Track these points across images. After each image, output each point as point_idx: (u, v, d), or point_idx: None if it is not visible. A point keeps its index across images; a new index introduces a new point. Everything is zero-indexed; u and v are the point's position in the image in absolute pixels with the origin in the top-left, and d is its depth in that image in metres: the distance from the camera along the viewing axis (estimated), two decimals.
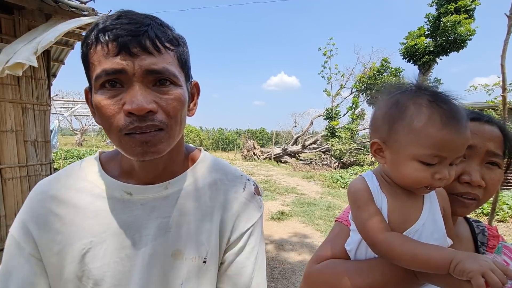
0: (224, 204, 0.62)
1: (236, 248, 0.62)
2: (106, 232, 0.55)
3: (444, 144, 0.52)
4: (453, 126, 0.52)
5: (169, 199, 0.59)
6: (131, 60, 0.46)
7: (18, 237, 0.54)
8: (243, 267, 0.62)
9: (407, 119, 0.55)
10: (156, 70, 0.48)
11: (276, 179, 10.04)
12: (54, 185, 0.57)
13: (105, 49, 0.46)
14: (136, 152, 0.49)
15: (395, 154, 0.58)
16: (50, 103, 3.72)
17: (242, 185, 0.66)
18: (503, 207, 5.38)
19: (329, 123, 15.81)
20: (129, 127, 0.47)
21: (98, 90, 0.48)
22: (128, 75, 0.47)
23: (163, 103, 0.49)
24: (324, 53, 17.51)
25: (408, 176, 0.56)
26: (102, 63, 0.46)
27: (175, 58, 0.51)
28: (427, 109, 0.54)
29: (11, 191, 3.32)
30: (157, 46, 0.48)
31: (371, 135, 0.64)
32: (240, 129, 35.03)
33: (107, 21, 0.47)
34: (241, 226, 0.63)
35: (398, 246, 0.52)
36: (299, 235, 4.40)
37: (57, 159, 9.24)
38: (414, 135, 0.54)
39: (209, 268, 0.59)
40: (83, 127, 26.73)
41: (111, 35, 0.46)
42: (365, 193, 0.60)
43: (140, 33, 0.46)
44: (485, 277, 0.42)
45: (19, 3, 2.78)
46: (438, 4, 13.93)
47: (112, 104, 0.47)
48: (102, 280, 0.54)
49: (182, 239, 0.58)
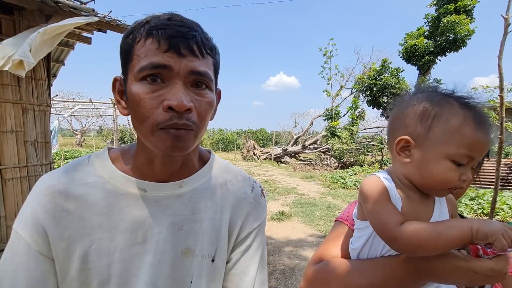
0: (233, 204, 0.64)
1: (243, 247, 0.64)
2: (117, 229, 0.54)
3: (476, 144, 0.54)
4: (485, 128, 0.55)
5: (183, 197, 0.60)
6: (178, 59, 0.49)
7: (24, 234, 0.52)
8: (248, 266, 0.63)
9: (444, 118, 0.56)
10: (199, 72, 0.51)
11: (276, 180, 10.05)
12: (62, 179, 0.55)
13: (155, 44, 0.49)
14: (166, 146, 0.50)
15: (427, 152, 0.57)
16: (50, 103, 3.73)
17: (250, 187, 0.68)
18: (503, 207, 5.37)
19: (329, 123, 15.81)
20: (168, 122, 0.49)
21: (138, 82, 0.50)
22: (172, 72, 0.49)
23: (198, 105, 0.52)
24: (324, 53, 17.54)
25: (438, 175, 0.56)
26: (149, 57, 0.49)
27: (212, 65, 0.55)
28: (461, 110, 0.55)
29: (11, 192, 3.32)
30: (202, 51, 0.51)
31: (394, 132, 0.62)
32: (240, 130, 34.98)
33: (159, 20, 0.50)
34: (249, 225, 0.65)
35: (422, 231, 0.51)
36: (299, 236, 4.41)
37: (57, 159, 9.25)
38: (450, 134, 0.55)
39: (218, 266, 0.61)
40: (83, 128, 26.74)
41: (164, 33, 0.49)
42: (384, 191, 0.59)
43: (190, 37, 0.50)
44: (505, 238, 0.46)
45: (19, 4, 2.78)
46: (437, 4, 13.94)
47: (152, 98, 0.49)
48: (109, 278, 0.53)
49: (193, 237, 0.59)
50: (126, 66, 0.53)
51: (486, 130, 0.54)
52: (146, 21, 0.51)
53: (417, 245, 0.51)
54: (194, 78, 0.51)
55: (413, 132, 0.58)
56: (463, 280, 0.51)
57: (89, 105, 14.78)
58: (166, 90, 0.49)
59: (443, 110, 0.56)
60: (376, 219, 0.57)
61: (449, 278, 0.52)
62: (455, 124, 0.54)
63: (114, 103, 11.65)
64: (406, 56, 14.53)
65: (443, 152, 0.55)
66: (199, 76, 0.51)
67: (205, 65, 0.52)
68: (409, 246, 0.53)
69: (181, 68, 0.49)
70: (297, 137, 18.99)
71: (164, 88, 0.49)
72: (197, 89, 0.52)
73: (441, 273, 0.52)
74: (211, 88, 0.55)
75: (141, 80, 0.50)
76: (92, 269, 0.53)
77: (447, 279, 0.53)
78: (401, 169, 0.61)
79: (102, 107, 15.53)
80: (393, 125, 0.64)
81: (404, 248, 0.54)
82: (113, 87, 0.57)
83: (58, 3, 2.86)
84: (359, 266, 0.61)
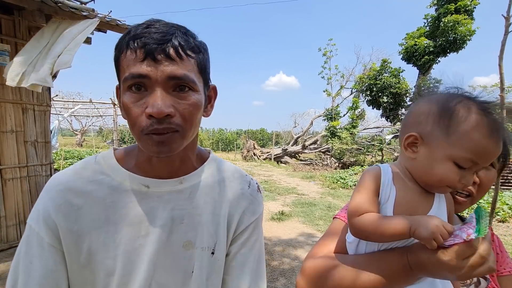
0: (231, 200, 0.68)
1: (241, 240, 0.68)
2: (122, 222, 0.58)
3: (483, 152, 0.54)
4: (496, 137, 0.54)
5: (183, 193, 0.63)
6: (155, 66, 0.51)
7: (37, 227, 0.56)
8: (246, 258, 0.67)
9: (455, 121, 0.56)
10: (177, 76, 0.52)
11: (276, 180, 10.05)
12: (71, 177, 0.60)
13: (133, 55, 0.51)
14: (152, 150, 0.54)
15: (432, 150, 0.58)
16: (50, 103, 3.73)
17: (247, 183, 0.72)
18: (503, 207, 5.38)
19: (329, 123, 15.81)
20: (149, 128, 0.52)
21: (125, 92, 0.54)
22: (151, 80, 0.51)
23: (181, 108, 0.54)
24: (324, 53, 17.54)
25: (438, 174, 0.57)
26: (130, 67, 0.51)
27: (195, 65, 0.56)
28: (476, 115, 0.55)
29: (11, 192, 3.32)
30: (180, 54, 0.52)
31: (406, 128, 0.63)
32: (240, 130, 35.00)
33: (137, 29, 0.52)
34: (246, 219, 0.68)
35: (368, 223, 0.57)
36: (299, 236, 4.41)
37: (57, 159, 9.25)
38: (457, 137, 0.55)
39: (218, 259, 0.64)
40: (83, 128, 26.75)
41: (139, 43, 0.51)
42: (370, 179, 0.62)
43: (165, 42, 0.51)
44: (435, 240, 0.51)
45: (19, 4, 2.78)
46: (437, 4, 13.93)
47: (136, 107, 0.53)
48: (114, 268, 0.57)
49: (194, 230, 0.62)
50: (118, 76, 0.56)
51: (497, 139, 0.54)
52: (128, 31, 0.53)
53: (365, 235, 0.59)
54: (174, 82, 0.53)
55: (423, 130, 0.60)
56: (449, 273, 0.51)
57: (89, 105, 14.79)
58: (148, 98, 0.52)
59: (457, 113, 0.56)
60: (349, 204, 0.62)
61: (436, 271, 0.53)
62: (465, 128, 0.55)
63: (114, 103, 11.66)
64: (406, 56, 14.53)
65: (448, 153, 0.56)
66: (179, 80, 0.53)
67: (185, 68, 0.53)
68: (359, 234, 0.61)
69: (158, 75, 0.51)
70: (297, 137, 18.99)
71: (147, 96, 0.52)
72: (180, 93, 0.54)
73: (429, 265, 0.53)
74: (196, 89, 0.56)
75: (128, 89, 0.53)
76: (98, 260, 0.56)
77: (435, 272, 0.54)
78: (405, 163, 0.64)
79: (102, 107, 15.54)
80: (407, 120, 0.65)
81: (355, 234, 0.61)
82: (117, 94, 0.61)
83: (58, 3, 2.86)
84: (356, 261, 0.62)
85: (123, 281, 0.57)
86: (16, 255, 0.57)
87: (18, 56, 2.61)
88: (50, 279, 0.55)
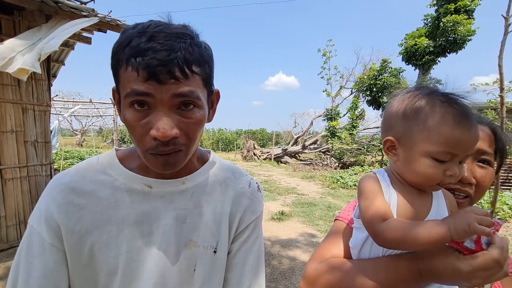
0: (233, 199, 0.69)
1: (242, 238, 0.69)
2: (125, 222, 0.58)
3: (456, 141, 0.54)
4: (465, 125, 0.54)
5: (186, 193, 0.64)
6: (159, 86, 0.49)
7: (38, 227, 0.56)
8: (246, 256, 0.68)
9: (422, 118, 0.57)
10: (182, 94, 0.50)
11: (276, 180, 10.04)
12: (74, 177, 0.59)
13: (135, 73, 0.48)
14: (157, 168, 0.55)
15: (408, 151, 0.60)
16: (50, 103, 3.73)
17: (248, 183, 0.73)
18: (503, 207, 5.37)
19: (329, 123, 15.81)
20: (154, 150, 0.52)
21: (128, 108, 0.52)
22: (155, 99, 0.50)
23: (185, 127, 0.53)
24: (323, 54, 17.54)
25: (420, 173, 0.58)
26: (132, 84, 0.49)
27: (200, 80, 0.54)
28: (440, 108, 0.56)
29: (11, 192, 3.32)
30: (185, 73, 0.50)
31: (383, 133, 0.65)
32: (240, 130, 34.98)
33: (139, 41, 0.48)
34: (247, 218, 0.69)
35: (397, 230, 0.53)
36: (299, 236, 4.41)
37: (57, 159, 9.25)
38: (428, 133, 0.56)
39: (220, 257, 0.65)
40: (83, 128, 26.76)
41: (142, 63, 0.47)
42: (374, 186, 0.61)
43: (170, 62, 0.48)
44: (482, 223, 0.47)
45: (19, 4, 2.78)
46: (437, 4, 13.93)
47: (140, 126, 0.51)
48: (116, 268, 0.57)
49: (196, 230, 0.63)
50: (116, 84, 0.55)
51: (468, 126, 0.54)
52: (127, 39, 0.49)
53: (396, 242, 0.54)
54: (179, 100, 0.51)
55: (396, 132, 0.61)
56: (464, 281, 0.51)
57: (89, 105, 14.79)
58: (152, 117, 0.51)
59: (422, 111, 0.57)
60: (364, 215, 0.59)
61: (451, 279, 0.52)
62: (432, 123, 0.56)
63: (113, 103, 11.62)
64: (406, 57, 14.53)
65: (423, 151, 0.57)
66: (184, 98, 0.51)
67: (189, 85, 0.51)
68: (387, 243, 0.56)
69: (163, 95, 0.49)
70: (297, 137, 18.98)
71: (150, 114, 0.51)
72: (184, 111, 0.52)
73: (443, 274, 0.52)
74: (200, 105, 0.54)
75: (131, 105, 0.51)
76: (100, 260, 0.56)
77: (449, 280, 0.53)
78: (393, 167, 0.65)
79: (102, 107, 15.54)
80: (383, 125, 0.67)
81: (384, 244, 0.57)
82: (113, 97, 0.60)
83: (58, 3, 2.86)
84: (362, 266, 0.60)
85: (126, 280, 0.57)
86: (17, 255, 0.57)
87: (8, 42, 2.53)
88: (51, 279, 0.55)
